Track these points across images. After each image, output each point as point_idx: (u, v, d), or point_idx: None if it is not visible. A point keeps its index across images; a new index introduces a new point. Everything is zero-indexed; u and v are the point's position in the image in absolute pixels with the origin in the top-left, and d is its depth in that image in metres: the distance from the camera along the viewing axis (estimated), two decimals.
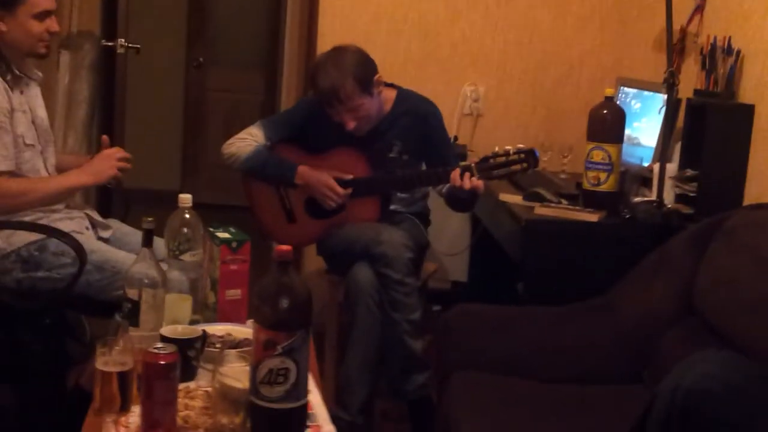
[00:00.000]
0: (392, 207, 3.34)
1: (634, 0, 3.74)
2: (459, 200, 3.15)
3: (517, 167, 2.99)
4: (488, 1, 4.26)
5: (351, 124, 3.12)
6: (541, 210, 3.10)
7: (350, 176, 3.20)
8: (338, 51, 3.15)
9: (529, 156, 2.98)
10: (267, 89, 6.36)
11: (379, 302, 3.04)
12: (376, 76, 3.15)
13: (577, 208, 3.11)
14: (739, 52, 3.01)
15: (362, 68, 3.12)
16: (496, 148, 3.00)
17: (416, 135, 3.26)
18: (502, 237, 3.43)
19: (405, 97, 3.30)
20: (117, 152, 2.92)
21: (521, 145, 3.00)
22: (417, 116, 3.27)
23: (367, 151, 3.23)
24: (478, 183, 2.96)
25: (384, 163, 3.24)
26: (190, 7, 6.67)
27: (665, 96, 3.10)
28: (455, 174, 2.97)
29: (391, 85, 3.30)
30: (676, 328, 2.55)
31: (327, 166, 3.23)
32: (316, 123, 3.25)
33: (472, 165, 2.98)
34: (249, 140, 3.25)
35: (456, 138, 4.21)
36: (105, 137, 3.04)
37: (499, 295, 3.64)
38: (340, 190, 3.18)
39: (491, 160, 2.98)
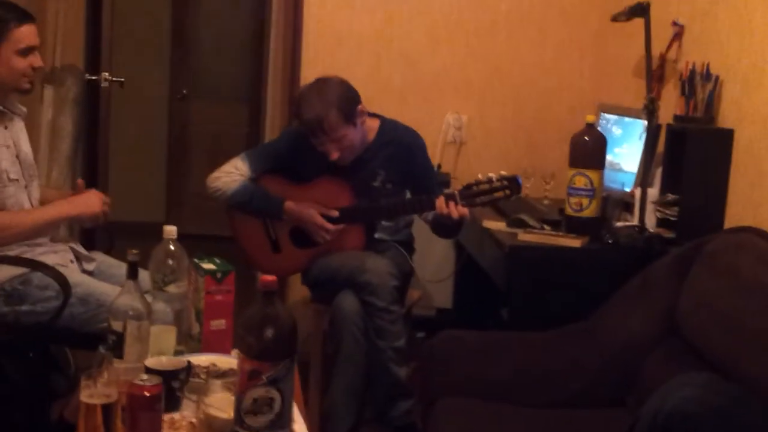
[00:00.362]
0: (377, 235, 3.36)
1: (614, 27, 3.78)
2: (445, 227, 3.17)
3: (500, 194, 3.01)
4: (468, 30, 4.31)
5: (335, 154, 3.14)
6: (524, 236, 3.12)
7: (335, 213, 3.21)
8: (321, 82, 3.18)
9: (512, 183, 3.00)
10: (251, 121, 6.37)
11: (364, 330, 3.05)
12: (359, 107, 3.17)
13: (560, 233, 3.13)
14: (717, 77, 3.04)
15: (345, 99, 3.14)
16: (479, 176, 3.02)
17: (400, 164, 3.28)
18: (486, 263, 3.44)
19: (388, 126, 3.32)
20: (102, 197, 2.92)
21: (504, 172, 3.02)
22: (400, 145, 3.29)
23: (352, 181, 3.24)
24: (464, 210, 2.98)
25: (368, 192, 3.26)
26: (174, 40, 6.68)
27: (645, 122, 3.14)
28: (440, 202, 2.99)
29: (374, 115, 3.32)
30: (660, 350, 2.57)
31: (312, 195, 3.24)
32: (301, 153, 3.27)
33: (456, 192, 3.00)
34: (234, 174, 3.26)
35: (439, 166, 4.24)
36: (81, 181, 3.04)
37: (484, 321, 3.66)
38: (329, 226, 3.20)
39: (474, 188, 3.00)
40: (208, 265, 2.20)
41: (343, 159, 3.18)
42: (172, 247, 2.21)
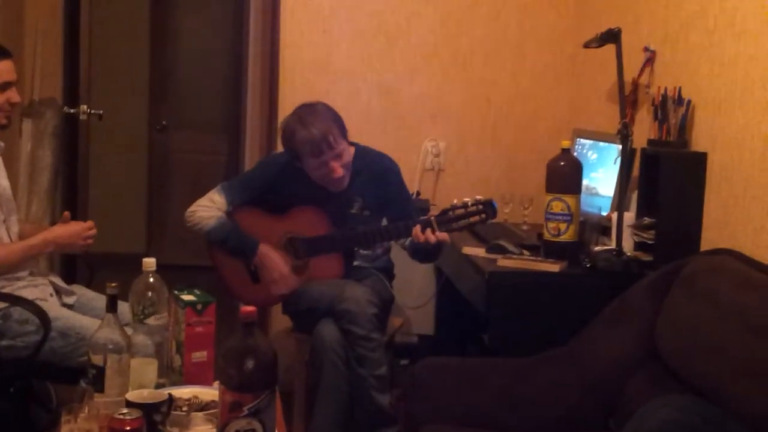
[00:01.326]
0: (356, 263, 3.37)
1: (588, 54, 3.82)
2: (423, 252, 3.19)
3: (476, 218, 3.03)
4: (445, 58, 4.35)
5: (339, 171, 3.16)
6: (503, 262, 3.14)
7: (306, 235, 3.24)
8: (310, 106, 3.22)
9: (487, 206, 3.02)
10: (230, 151, 6.39)
11: (345, 359, 3.05)
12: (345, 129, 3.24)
13: (539, 258, 3.15)
14: (689, 102, 3.08)
15: (337, 117, 3.21)
16: (455, 201, 3.05)
17: (376, 191, 3.30)
18: (466, 289, 3.45)
19: (363, 153, 3.35)
20: (86, 231, 2.92)
21: (479, 197, 3.05)
22: (376, 171, 3.32)
23: (329, 209, 3.26)
24: (444, 235, 3.00)
25: (345, 219, 3.27)
26: (152, 71, 6.70)
27: (620, 146, 3.17)
28: (416, 230, 3.01)
29: (349, 143, 3.35)
30: (640, 373, 2.58)
31: (289, 226, 3.26)
32: (278, 183, 3.29)
33: (432, 219, 3.02)
34: (212, 208, 3.27)
35: (418, 193, 4.27)
36: (66, 213, 3.04)
37: (466, 347, 3.67)
38: (290, 282, 3.24)
39: (450, 213, 3.03)
40: (188, 297, 2.20)
41: (342, 180, 3.21)
42: (151, 280, 2.22)
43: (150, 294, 2.21)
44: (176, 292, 2.24)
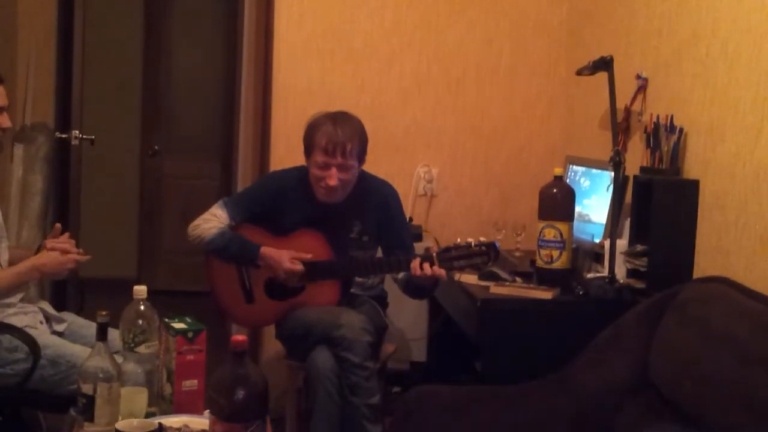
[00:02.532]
0: (351, 290, 3.36)
1: (580, 81, 3.84)
2: (417, 287, 3.18)
3: (478, 260, 3.03)
4: (438, 85, 4.36)
5: (333, 181, 3.15)
6: (496, 289, 3.13)
7: (308, 256, 3.21)
8: (347, 113, 3.25)
9: (491, 249, 3.02)
10: (223, 175, 6.40)
11: (339, 386, 3.03)
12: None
13: (532, 285, 3.14)
14: (681, 129, 3.09)
15: (365, 138, 3.22)
16: (458, 240, 3.04)
17: (376, 216, 3.30)
18: (459, 316, 3.45)
19: (366, 178, 3.36)
20: (68, 261, 2.88)
21: (483, 238, 3.04)
22: (378, 197, 3.32)
23: (328, 231, 3.25)
24: (441, 271, 2.99)
25: (344, 243, 3.26)
26: (145, 96, 6.71)
27: (612, 173, 3.17)
28: (415, 263, 3.01)
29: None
30: (633, 401, 2.57)
31: (290, 247, 3.24)
32: (280, 199, 3.28)
33: (434, 254, 3.02)
34: (214, 222, 3.26)
35: (411, 219, 4.26)
36: (58, 225, 3.02)
37: (459, 374, 3.65)
38: (298, 268, 3.18)
39: (453, 251, 3.02)
40: (179, 325, 2.19)
41: (334, 193, 3.20)
42: (142, 307, 2.21)
43: (140, 322, 2.19)
44: (167, 320, 2.22)
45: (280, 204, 3.29)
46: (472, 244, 3.01)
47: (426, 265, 2.99)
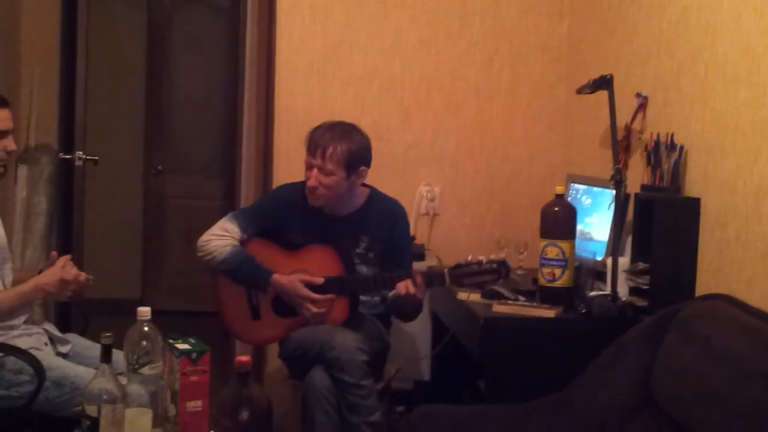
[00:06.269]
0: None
1: (581, 99, 3.86)
2: (401, 309, 3.22)
3: (489, 277, 3.04)
4: (439, 103, 4.38)
5: (312, 181, 3.18)
6: (498, 307, 3.13)
7: (320, 280, 3.21)
8: (350, 125, 3.29)
9: (501, 267, 3.05)
10: (226, 195, 6.40)
11: (337, 406, 3.03)
12: (363, 168, 3.25)
13: (534, 304, 3.15)
14: (682, 147, 3.10)
15: (359, 151, 3.23)
16: (470, 257, 3.05)
17: (384, 234, 3.32)
18: (461, 335, 3.45)
19: (377, 196, 3.40)
20: (66, 274, 2.89)
21: (493, 256, 3.06)
22: (388, 216, 3.35)
23: (338, 248, 3.26)
24: (421, 290, 3.07)
25: (350, 258, 3.28)
26: (148, 116, 6.73)
27: (614, 191, 3.18)
28: (400, 284, 3.04)
29: (365, 185, 3.38)
30: (637, 420, 2.57)
31: (300, 262, 3.25)
32: (288, 212, 3.29)
33: (445, 271, 3.03)
34: (226, 237, 3.26)
35: (414, 237, 4.27)
36: (54, 253, 3.03)
37: (462, 393, 3.65)
38: (315, 296, 3.19)
39: (464, 268, 3.04)
40: (183, 346, 2.19)
41: (317, 197, 3.22)
42: (146, 329, 2.21)
43: (144, 343, 2.20)
44: (171, 340, 2.23)
45: (288, 215, 3.30)
46: (483, 261, 3.03)
47: (408, 283, 3.01)
